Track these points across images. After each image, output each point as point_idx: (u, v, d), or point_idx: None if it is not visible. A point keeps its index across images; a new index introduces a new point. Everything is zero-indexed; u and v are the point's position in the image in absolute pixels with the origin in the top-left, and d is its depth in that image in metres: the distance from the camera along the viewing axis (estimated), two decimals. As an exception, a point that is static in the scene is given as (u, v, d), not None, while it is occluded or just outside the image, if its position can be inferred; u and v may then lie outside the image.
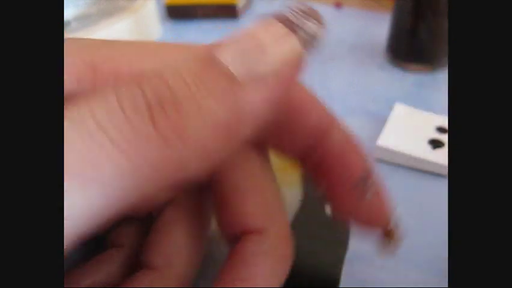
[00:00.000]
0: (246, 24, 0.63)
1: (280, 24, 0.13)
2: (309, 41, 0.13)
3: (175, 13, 0.65)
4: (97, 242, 0.18)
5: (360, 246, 0.30)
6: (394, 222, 0.17)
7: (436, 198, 0.35)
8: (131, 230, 0.18)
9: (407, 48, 0.49)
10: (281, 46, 0.12)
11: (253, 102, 0.12)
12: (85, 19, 0.51)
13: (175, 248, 0.16)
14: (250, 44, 0.12)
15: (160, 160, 0.11)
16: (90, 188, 0.10)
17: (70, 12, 0.53)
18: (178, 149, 0.11)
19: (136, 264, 0.17)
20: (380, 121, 0.42)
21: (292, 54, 0.13)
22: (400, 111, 0.42)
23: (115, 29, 0.48)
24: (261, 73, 0.12)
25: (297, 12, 0.13)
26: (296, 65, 0.13)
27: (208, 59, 0.12)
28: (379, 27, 0.56)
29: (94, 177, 0.10)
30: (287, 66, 0.13)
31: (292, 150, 0.16)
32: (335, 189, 0.16)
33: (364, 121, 0.43)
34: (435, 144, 0.39)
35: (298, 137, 0.16)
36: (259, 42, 0.12)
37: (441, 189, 0.36)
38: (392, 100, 0.45)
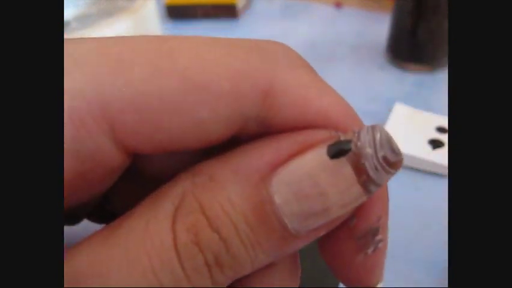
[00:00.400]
0: (245, 24, 0.63)
1: (357, 186, 0.11)
2: (374, 190, 0.11)
3: (175, 13, 0.65)
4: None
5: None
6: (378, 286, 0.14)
7: (436, 198, 0.35)
8: None
9: (407, 48, 0.49)
10: (347, 208, 0.11)
11: (300, 245, 0.12)
12: (85, 19, 0.51)
13: None
14: (315, 201, 0.11)
15: None
16: None
17: (70, 12, 0.53)
18: (227, 284, 0.12)
19: None
20: (380, 121, 0.42)
21: (355, 207, 0.12)
22: (400, 111, 0.42)
23: (115, 29, 0.48)
24: (317, 227, 0.11)
25: (382, 167, 0.11)
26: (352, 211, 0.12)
27: (266, 209, 0.11)
28: (379, 27, 0.56)
29: None
30: (347, 215, 0.12)
31: None
32: (335, 232, 0.13)
33: (364, 121, 0.43)
34: (435, 144, 0.39)
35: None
36: (326, 205, 0.11)
37: (441, 189, 0.36)
38: (392, 100, 0.45)
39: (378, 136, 0.11)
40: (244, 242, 0.11)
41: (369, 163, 0.11)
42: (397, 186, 0.37)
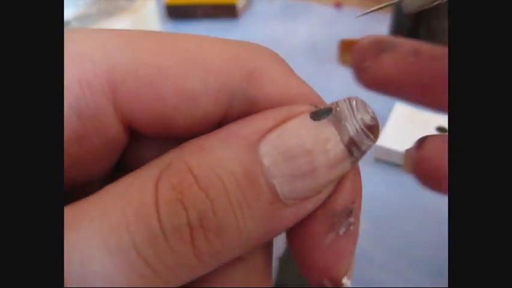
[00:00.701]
0: (245, 24, 0.63)
1: (340, 145, 0.12)
2: (359, 158, 0.12)
3: (175, 13, 0.65)
4: None
5: (360, 246, 0.30)
6: (345, 282, 0.14)
7: (436, 198, 0.35)
8: None
9: (407, 48, 0.49)
10: (334, 171, 0.12)
11: (289, 219, 0.12)
12: (85, 19, 0.51)
13: None
14: (302, 160, 0.11)
15: (193, 276, 0.11)
16: None
17: (70, 12, 0.53)
18: (212, 267, 0.11)
19: None
20: (380, 121, 0.42)
21: (341, 174, 0.12)
22: (400, 111, 0.42)
23: (115, 29, 0.48)
24: (306, 196, 0.12)
25: (362, 130, 0.12)
26: (339, 179, 0.12)
27: (255, 170, 0.11)
28: (379, 27, 0.56)
29: None
30: (332, 185, 0.12)
31: None
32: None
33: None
34: (435, 144, 0.39)
35: None
36: (313, 165, 0.11)
37: (441, 189, 0.36)
38: (392, 101, 0.45)
39: (354, 102, 0.12)
40: (233, 203, 0.11)
41: (349, 124, 0.12)
42: (397, 185, 0.37)
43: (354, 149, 0.12)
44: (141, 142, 0.14)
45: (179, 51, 0.12)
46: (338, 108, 0.12)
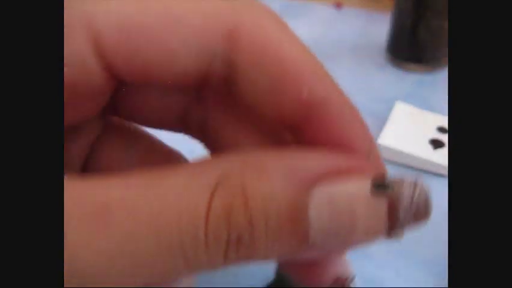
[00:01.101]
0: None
1: (384, 228, 0.12)
2: (392, 234, 0.13)
3: (175, 13, 0.65)
4: None
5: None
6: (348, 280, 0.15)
7: (436, 198, 0.35)
8: None
9: (407, 48, 0.49)
10: (365, 239, 0.12)
11: (309, 253, 0.13)
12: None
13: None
14: (345, 226, 0.12)
15: (214, 269, 0.12)
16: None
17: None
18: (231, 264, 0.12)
19: None
20: (380, 121, 0.42)
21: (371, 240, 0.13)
22: (401, 110, 0.42)
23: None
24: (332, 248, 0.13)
25: (410, 219, 0.12)
26: None
27: (299, 216, 0.12)
28: (379, 27, 0.56)
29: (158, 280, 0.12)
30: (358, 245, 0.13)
31: (280, 116, 0.14)
32: None
33: (365, 121, 0.43)
34: (435, 144, 0.39)
35: (287, 102, 0.14)
36: (352, 233, 0.12)
37: (441, 189, 0.36)
38: (392, 100, 0.45)
39: (417, 192, 0.12)
40: (268, 234, 0.12)
41: (403, 212, 0.12)
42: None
43: (392, 232, 0.12)
44: (131, 91, 0.15)
45: (160, 8, 0.13)
46: (401, 192, 0.12)
